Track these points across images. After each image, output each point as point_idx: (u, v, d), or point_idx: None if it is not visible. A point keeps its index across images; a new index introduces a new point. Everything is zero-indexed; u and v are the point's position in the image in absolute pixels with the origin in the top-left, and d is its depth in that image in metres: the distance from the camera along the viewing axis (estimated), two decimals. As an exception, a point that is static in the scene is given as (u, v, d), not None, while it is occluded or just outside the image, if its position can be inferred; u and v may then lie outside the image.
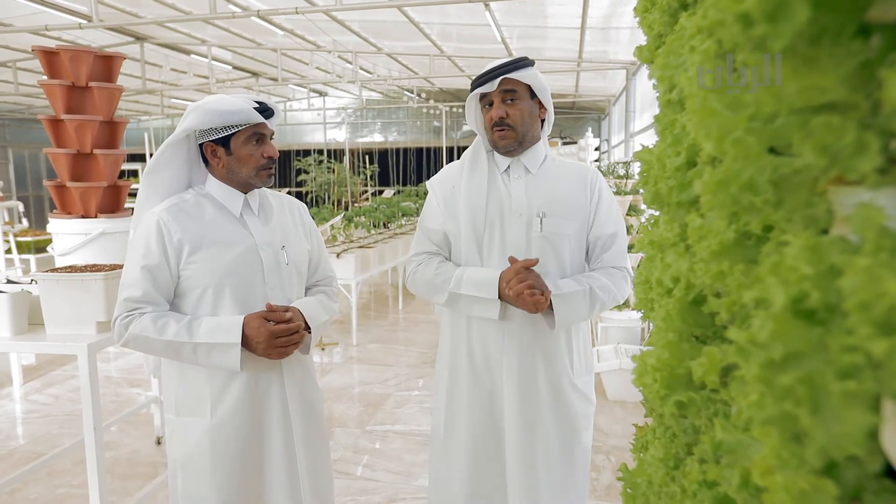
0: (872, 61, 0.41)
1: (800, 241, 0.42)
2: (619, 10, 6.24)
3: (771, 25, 0.38)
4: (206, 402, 1.60)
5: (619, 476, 1.03)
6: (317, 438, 1.76)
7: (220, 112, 1.54)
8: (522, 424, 1.76)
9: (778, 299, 0.42)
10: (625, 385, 3.97)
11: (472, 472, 1.82)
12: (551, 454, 1.77)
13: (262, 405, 1.66)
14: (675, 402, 0.73)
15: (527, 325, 1.74)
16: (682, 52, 0.72)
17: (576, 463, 1.81)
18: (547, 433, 1.76)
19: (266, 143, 1.62)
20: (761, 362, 0.42)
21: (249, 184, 1.64)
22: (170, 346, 1.53)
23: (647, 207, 1.37)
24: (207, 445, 1.60)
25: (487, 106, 1.72)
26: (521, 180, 1.74)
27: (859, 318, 0.36)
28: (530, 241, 1.72)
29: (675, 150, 0.78)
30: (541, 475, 1.77)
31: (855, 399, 0.38)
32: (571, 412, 1.78)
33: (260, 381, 1.65)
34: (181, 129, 1.57)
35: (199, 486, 1.62)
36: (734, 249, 0.62)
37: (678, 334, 0.75)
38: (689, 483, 0.71)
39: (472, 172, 1.77)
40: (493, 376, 1.78)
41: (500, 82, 1.67)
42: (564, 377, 1.77)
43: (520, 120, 1.69)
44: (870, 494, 0.46)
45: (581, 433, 1.80)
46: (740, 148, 0.47)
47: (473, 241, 1.74)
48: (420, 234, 1.86)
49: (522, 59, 1.70)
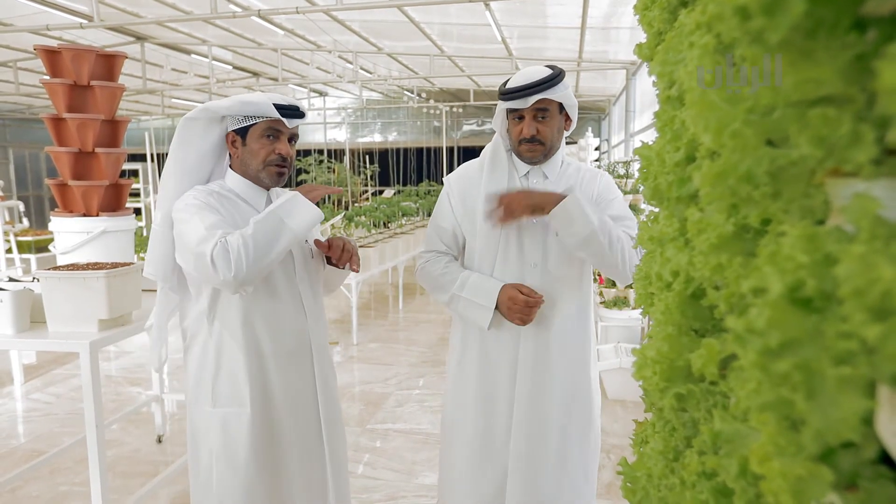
0: (868, 54, 0.42)
1: (796, 231, 0.43)
2: (620, 10, 6.25)
3: (768, 19, 0.39)
4: (245, 394, 1.64)
5: (619, 471, 1.04)
6: (340, 431, 1.85)
7: (241, 101, 1.60)
8: (532, 423, 1.78)
9: (775, 288, 0.42)
10: (625, 384, 3.98)
11: (475, 469, 1.84)
12: (565, 445, 1.80)
13: (297, 396, 1.72)
14: (674, 394, 0.74)
15: (542, 328, 1.77)
16: (681, 48, 0.72)
17: (589, 453, 1.85)
18: (561, 426, 1.80)
19: (280, 141, 1.65)
20: (758, 349, 0.43)
21: (259, 179, 1.66)
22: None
23: (646, 205, 1.37)
24: (250, 433, 1.64)
25: (517, 119, 1.72)
26: (539, 185, 1.77)
27: (854, 304, 0.37)
28: (547, 245, 1.74)
29: (675, 146, 0.79)
30: (549, 471, 1.79)
31: (850, 384, 0.39)
32: (587, 404, 1.83)
33: (296, 366, 1.72)
34: (207, 105, 1.63)
35: (243, 475, 1.65)
36: (733, 242, 0.63)
37: (677, 328, 0.76)
38: (689, 474, 0.71)
39: (492, 173, 1.79)
40: (505, 372, 1.80)
41: (535, 101, 1.67)
42: (583, 369, 1.81)
43: (550, 136, 1.72)
44: (865, 481, 0.47)
45: (595, 423, 1.85)
46: (738, 140, 0.48)
47: (489, 241, 1.76)
48: (431, 233, 1.88)
49: (557, 74, 1.69)
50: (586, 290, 1.83)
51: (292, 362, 1.71)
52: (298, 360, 1.73)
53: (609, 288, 4.53)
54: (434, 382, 4.51)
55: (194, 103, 14.99)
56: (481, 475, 1.82)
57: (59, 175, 2.79)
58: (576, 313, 1.79)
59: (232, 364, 1.65)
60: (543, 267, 1.74)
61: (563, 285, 1.75)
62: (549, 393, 1.77)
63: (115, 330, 2.21)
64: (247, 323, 1.65)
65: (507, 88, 1.69)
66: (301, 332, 1.73)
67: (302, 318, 1.73)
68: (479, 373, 1.82)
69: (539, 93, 1.65)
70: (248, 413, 1.65)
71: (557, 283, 1.75)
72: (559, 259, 1.74)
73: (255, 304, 1.65)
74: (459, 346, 1.87)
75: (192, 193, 1.61)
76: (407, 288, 8.01)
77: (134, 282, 2.29)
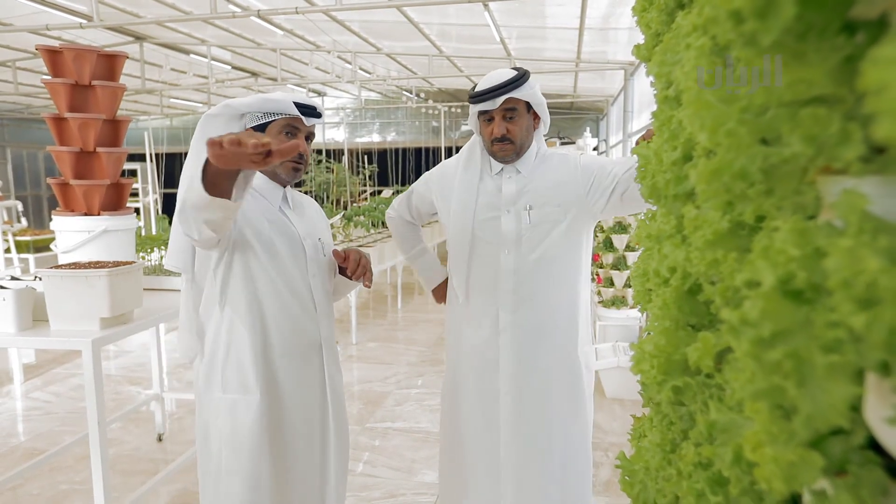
0: (856, 56, 0.44)
1: (788, 226, 0.45)
2: (618, 11, 6.27)
3: (760, 22, 0.41)
4: (254, 380, 1.66)
5: (618, 465, 1.06)
6: (345, 427, 1.87)
7: (262, 99, 1.65)
8: (520, 408, 1.85)
9: (767, 280, 0.44)
10: (623, 383, 4.00)
11: (470, 462, 1.88)
12: (553, 435, 1.84)
13: (306, 384, 1.75)
14: (671, 387, 0.76)
15: (524, 310, 1.83)
16: (678, 49, 0.74)
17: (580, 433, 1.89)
18: (550, 404, 1.86)
19: (297, 138, 1.69)
20: (752, 339, 0.45)
21: (276, 174, 1.70)
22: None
23: (632, 218, 1.39)
24: (257, 420, 1.66)
25: (487, 121, 1.81)
26: (511, 180, 1.85)
27: (841, 295, 0.39)
28: (521, 231, 1.83)
29: (672, 145, 0.81)
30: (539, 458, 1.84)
31: (838, 371, 0.40)
32: (576, 381, 1.88)
33: (304, 360, 1.75)
34: (229, 102, 1.67)
35: (247, 461, 1.66)
36: (728, 238, 0.65)
37: (675, 322, 0.78)
38: (685, 465, 0.73)
39: (466, 170, 1.90)
40: (489, 358, 1.88)
41: (503, 102, 1.76)
42: (570, 348, 1.87)
43: (519, 135, 1.80)
44: (854, 466, 0.48)
45: (586, 402, 1.90)
46: (733, 139, 0.50)
47: (461, 232, 1.88)
48: (405, 199, 2.14)
49: (521, 75, 1.77)
50: (572, 276, 1.87)
51: (301, 355, 1.74)
52: (307, 353, 1.76)
53: (607, 287, 4.55)
54: (433, 381, 4.53)
55: (193, 104, 14.99)
56: (477, 462, 1.88)
57: (58, 174, 2.80)
58: (563, 299, 1.85)
59: (240, 350, 1.68)
60: (517, 251, 1.82)
61: (541, 270, 1.82)
62: (532, 377, 1.84)
63: (117, 328, 2.23)
64: (253, 310, 1.67)
65: (476, 91, 1.79)
66: (311, 326, 1.76)
67: (312, 313, 1.76)
68: (465, 362, 1.92)
69: (506, 93, 1.75)
70: (257, 400, 1.67)
71: (535, 268, 1.82)
72: (533, 243, 1.81)
73: (264, 291, 1.68)
74: (449, 338, 2.00)
75: None
76: (406, 287, 8.03)
77: (135, 280, 2.30)
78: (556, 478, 1.84)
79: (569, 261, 1.84)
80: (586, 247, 1.90)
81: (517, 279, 1.82)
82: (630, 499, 1.02)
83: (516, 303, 1.83)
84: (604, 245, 4.55)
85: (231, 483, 1.68)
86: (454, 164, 1.97)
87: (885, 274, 0.36)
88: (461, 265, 1.90)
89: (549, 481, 1.83)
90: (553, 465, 1.83)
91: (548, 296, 1.83)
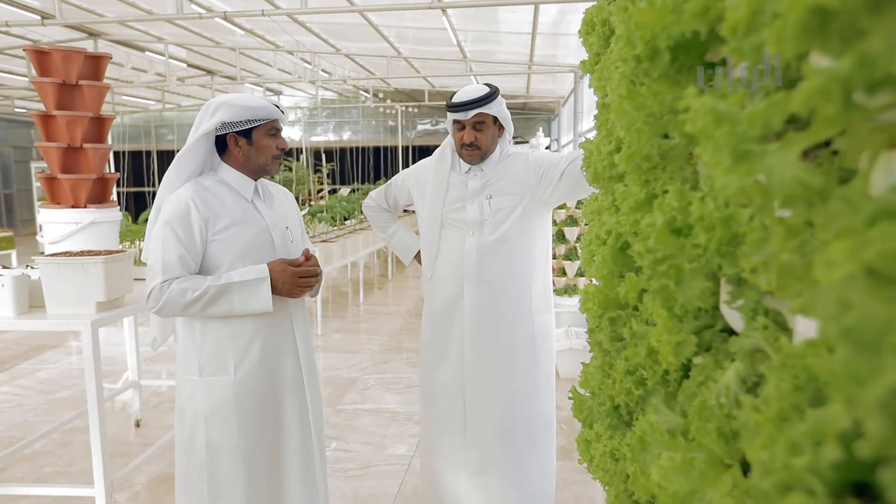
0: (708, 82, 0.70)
1: (673, 188, 0.72)
2: (568, 18, 6.61)
3: (650, 63, 0.67)
4: (229, 362, 1.82)
5: (570, 396, 1.33)
6: (317, 393, 2.04)
7: (250, 108, 1.80)
8: (482, 360, 2.17)
9: (658, 222, 0.71)
10: (576, 364, 4.31)
11: (442, 401, 2.23)
12: (512, 384, 2.17)
13: (278, 363, 1.90)
14: (608, 318, 1.03)
15: (485, 281, 2.15)
16: (610, 69, 1.01)
17: (539, 392, 2.21)
18: (509, 363, 2.18)
19: (279, 137, 1.88)
20: (650, 261, 0.72)
21: (264, 170, 1.88)
22: (205, 295, 1.73)
23: (587, 185, 1.66)
24: (232, 399, 1.81)
25: (460, 129, 2.13)
26: (477, 177, 2.18)
27: (699, 228, 0.66)
28: (483, 217, 2.15)
29: (608, 140, 1.08)
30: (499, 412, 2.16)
31: (697, 273, 0.67)
32: (530, 343, 2.19)
33: (276, 343, 1.89)
34: (214, 121, 1.79)
35: (227, 435, 1.82)
36: (645, 205, 0.92)
37: (610, 271, 1.05)
38: (618, 374, 1.00)
39: (439, 167, 2.23)
40: (457, 317, 2.20)
41: (474, 115, 2.07)
42: (524, 315, 2.17)
43: (485, 142, 2.13)
44: (715, 344, 0.76)
45: (541, 361, 2.21)
46: (641, 134, 0.77)
47: (433, 222, 2.20)
48: (382, 190, 2.44)
49: (492, 94, 2.10)
50: (526, 253, 2.18)
51: (274, 334, 1.88)
52: (280, 327, 1.90)
53: (560, 277, 4.87)
54: (399, 367, 4.76)
55: (146, 101, 14.79)
56: (447, 403, 2.22)
57: (45, 171, 2.94)
58: (518, 272, 2.17)
59: (216, 336, 1.82)
60: (480, 234, 2.14)
61: (499, 249, 2.14)
62: (490, 337, 2.17)
63: (112, 311, 2.40)
64: None
65: (452, 103, 2.12)
66: (281, 305, 1.88)
67: (283, 298, 1.88)
68: (437, 319, 2.24)
69: (477, 108, 2.07)
70: (232, 380, 1.82)
71: (494, 247, 2.14)
72: (494, 224, 2.14)
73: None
74: (426, 301, 2.31)
75: (174, 205, 1.77)
76: (367, 283, 8.22)
77: (127, 267, 2.47)
78: (519, 422, 2.15)
79: (523, 240, 2.16)
80: (540, 230, 2.21)
81: (478, 255, 2.14)
82: (580, 423, 1.30)
83: (479, 275, 2.14)
84: (556, 237, 4.87)
85: (215, 456, 1.81)
86: (429, 163, 2.30)
87: (717, 212, 0.63)
88: (431, 246, 2.20)
89: (511, 422, 2.15)
90: (514, 410, 2.15)
91: (503, 269, 2.15)
